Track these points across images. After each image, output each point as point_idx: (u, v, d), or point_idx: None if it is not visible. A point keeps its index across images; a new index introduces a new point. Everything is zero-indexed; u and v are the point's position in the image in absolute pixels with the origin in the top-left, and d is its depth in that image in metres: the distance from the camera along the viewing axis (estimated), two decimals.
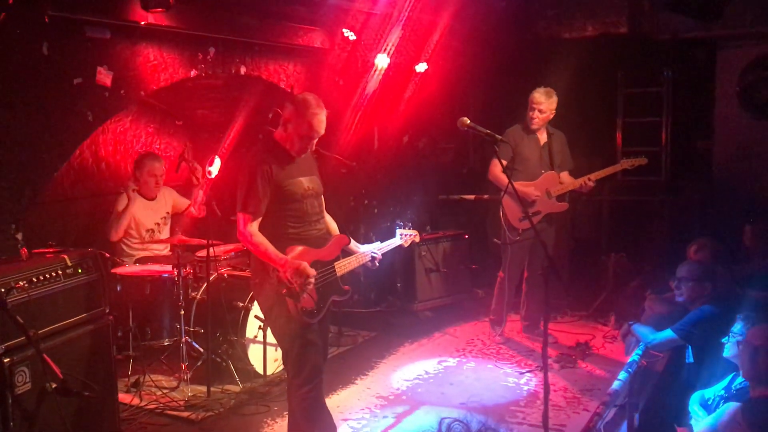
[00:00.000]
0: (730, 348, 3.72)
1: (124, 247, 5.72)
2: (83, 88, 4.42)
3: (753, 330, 3.45)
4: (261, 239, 3.56)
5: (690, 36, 7.24)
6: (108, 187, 6.12)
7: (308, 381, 3.67)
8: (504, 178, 5.62)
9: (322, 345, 3.83)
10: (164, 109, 6.55)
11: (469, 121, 3.67)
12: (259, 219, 3.60)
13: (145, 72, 4.81)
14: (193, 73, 5.16)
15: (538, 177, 5.88)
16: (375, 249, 4.08)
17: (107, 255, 5.23)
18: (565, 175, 6.03)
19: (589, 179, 5.85)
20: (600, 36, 7.42)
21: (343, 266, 3.85)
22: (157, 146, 6.67)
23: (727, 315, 4.02)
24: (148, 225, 5.79)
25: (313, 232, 3.76)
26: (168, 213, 5.97)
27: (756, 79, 7.30)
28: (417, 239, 4.42)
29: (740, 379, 3.60)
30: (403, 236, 4.34)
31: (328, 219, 4.03)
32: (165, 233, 5.91)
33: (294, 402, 3.73)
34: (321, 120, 3.61)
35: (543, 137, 5.95)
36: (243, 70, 5.58)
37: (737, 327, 3.71)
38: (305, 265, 3.48)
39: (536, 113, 5.79)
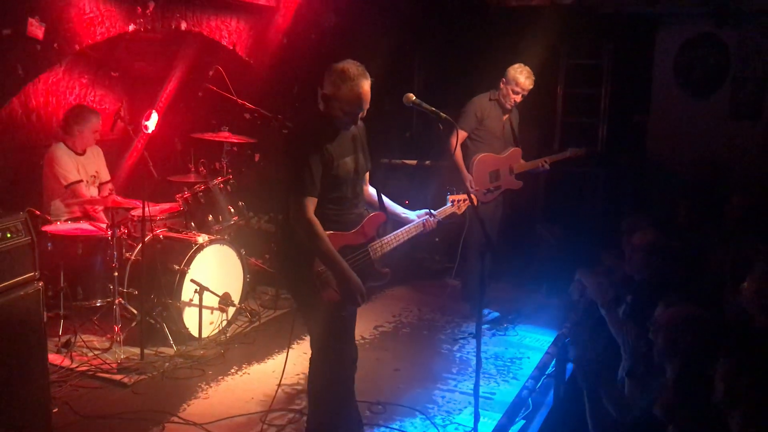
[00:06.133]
0: None
1: (62, 206, 5.52)
2: (13, 39, 4.23)
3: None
4: (322, 233, 3.25)
5: (632, 11, 7.37)
6: (38, 140, 5.87)
7: (339, 370, 3.49)
8: (460, 154, 5.63)
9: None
10: (99, 60, 6.30)
11: (414, 97, 3.64)
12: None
13: (80, 25, 4.61)
14: (131, 27, 4.98)
15: (500, 151, 5.83)
16: (425, 216, 3.73)
17: (38, 213, 5.07)
18: None
19: (546, 162, 5.92)
20: (546, 6, 7.47)
21: (380, 247, 3.54)
22: (92, 98, 6.42)
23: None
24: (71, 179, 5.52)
25: (351, 215, 3.47)
26: (97, 173, 5.78)
27: (692, 57, 7.52)
28: (475, 201, 3.89)
29: None
30: (455, 202, 3.93)
31: (372, 191, 3.72)
32: (93, 193, 5.72)
33: (321, 391, 3.51)
34: (366, 90, 3.28)
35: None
36: (184, 25, 5.42)
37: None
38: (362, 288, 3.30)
39: (519, 97, 5.71)
